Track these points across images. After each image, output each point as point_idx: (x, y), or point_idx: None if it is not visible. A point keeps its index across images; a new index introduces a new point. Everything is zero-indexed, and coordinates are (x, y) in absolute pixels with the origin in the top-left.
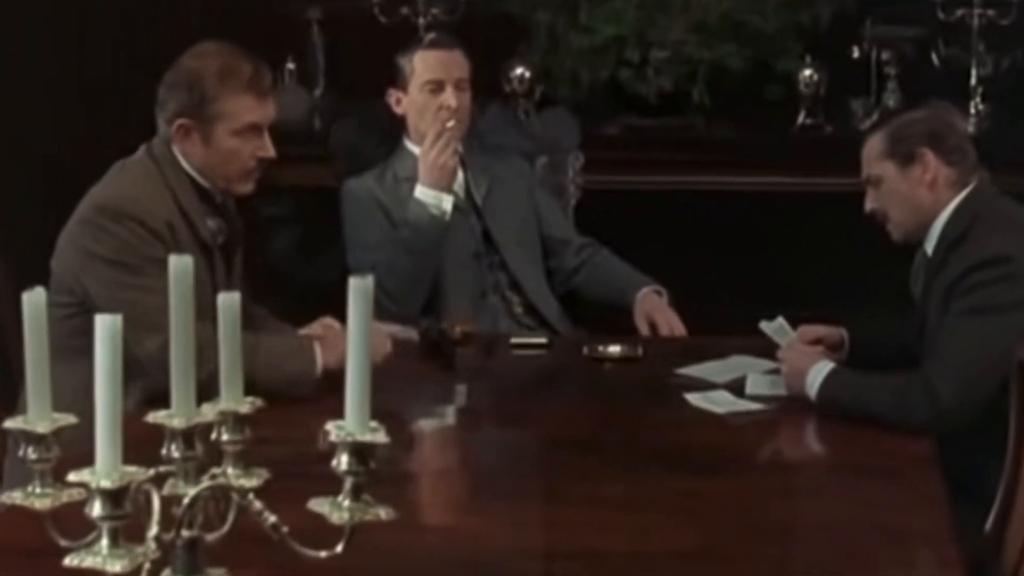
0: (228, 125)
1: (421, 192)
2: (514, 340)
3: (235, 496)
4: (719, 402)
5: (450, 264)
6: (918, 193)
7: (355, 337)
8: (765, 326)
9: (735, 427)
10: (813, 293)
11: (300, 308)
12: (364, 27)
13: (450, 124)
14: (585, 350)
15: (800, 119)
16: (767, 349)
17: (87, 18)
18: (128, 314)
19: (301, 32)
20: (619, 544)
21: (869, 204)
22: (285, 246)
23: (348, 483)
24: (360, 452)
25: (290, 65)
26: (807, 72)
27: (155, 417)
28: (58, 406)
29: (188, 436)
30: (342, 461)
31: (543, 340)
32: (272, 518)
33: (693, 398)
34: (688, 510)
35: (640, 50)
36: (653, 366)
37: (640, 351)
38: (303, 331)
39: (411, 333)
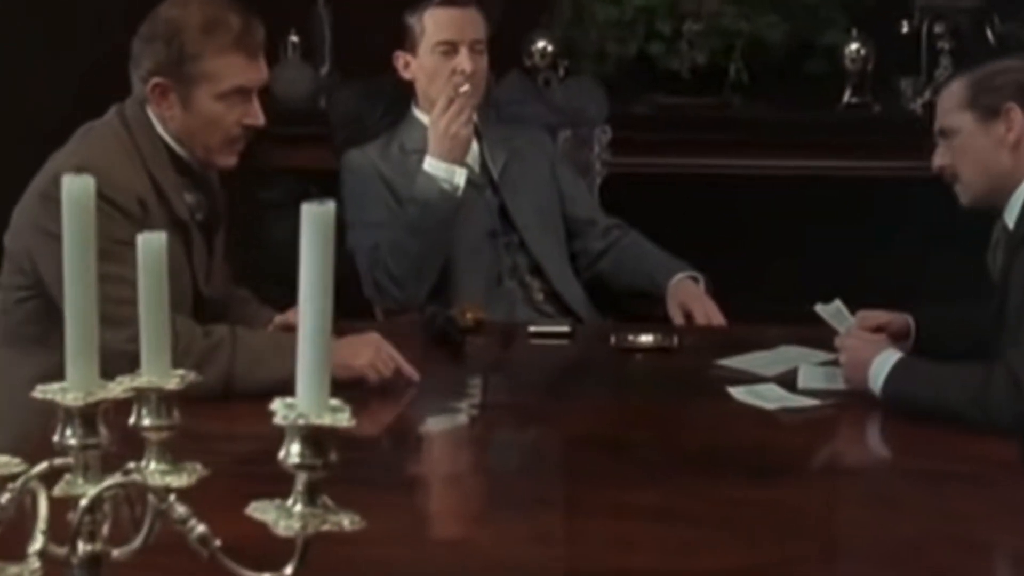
0: (211, 87)
1: (430, 164)
2: (532, 328)
3: (152, 498)
4: (768, 397)
5: (462, 245)
6: (997, 154)
7: (309, 279)
8: (821, 309)
9: (786, 425)
10: (863, 282)
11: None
12: (373, 1)
13: (463, 89)
14: (613, 340)
15: (845, 97)
16: (820, 339)
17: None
18: None
19: (306, 4)
20: (651, 561)
21: (938, 160)
22: (285, 233)
23: (300, 481)
24: (316, 440)
25: (293, 38)
26: (853, 46)
27: (45, 391)
28: (12, 399)
29: (88, 418)
30: (292, 452)
31: (565, 328)
32: (199, 528)
33: (737, 392)
34: (731, 521)
35: (672, 22)
36: (690, 357)
37: (675, 341)
38: (279, 317)
39: (413, 373)
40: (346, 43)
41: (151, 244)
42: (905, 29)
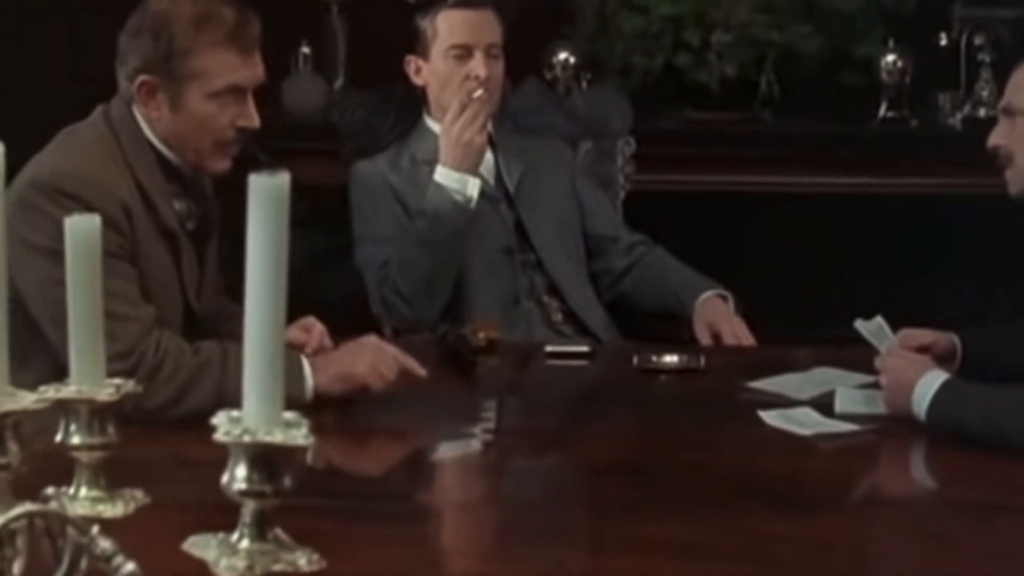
0: (202, 86)
1: (442, 174)
2: (550, 348)
3: (71, 531)
4: (802, 422)
5: (477, 262)
6: None
7: (258, 265)
8: (861, 326)
9: (822, 453)
10: (898, 303)
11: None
12: (390, 12)
13: (477, 94)
14: (635, 360)
15: (881, 112)
16: (858, 360)
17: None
18: (61, 315)
19: (319, 16)
20: None
21: (995, 138)
22: (296, 252)
23: (247, 511)
24: (267, 461)
25: (304, 49)
26: (890, 58)
27: None
28: None
29: None
30: (236, 476)
31: (584, 348)
32: (127, 566)
33: (770, 417)
34: (764, 558)
35: (700, 32)
36: (718, 379)
37: (702, 362)
38: None
39: (419, 369)
40: (361, 55)
41: (80, 227)
42: (944, 41)
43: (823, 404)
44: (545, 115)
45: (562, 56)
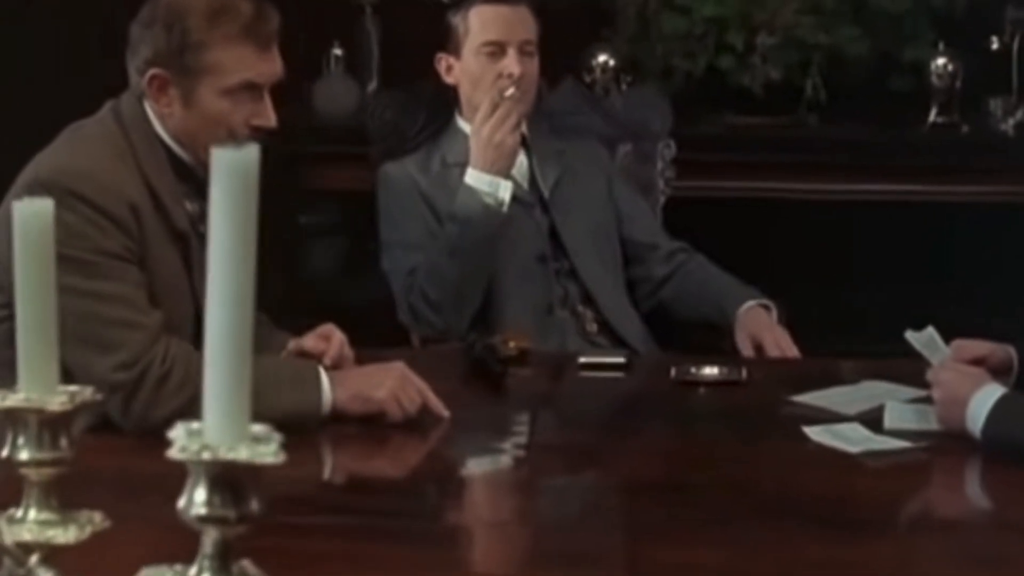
0: (216, 81)
1: (472, 177)
2: (583, 359)
3: (7, 561)
4: (850, 438)
5: (509, 269)
6: None
7: (222, 249)
8: (912, 337)
9: (872, 471)
10: (951, 314)
11: (344, 332)
12: (425, 13)
13: (509, 93)
14: (673, 372)
15: (931, 117)
16: (908, 373)
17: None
18: (71, 327)
19: (352, 16)
20: None
21: None
22: (326, 259)
23: (208, 540)
24: (230, 482)
25: (336, 51)
26: (940, 62)
27: None
28: None
29: None
30: (195, 499)
31: (620, 359)
32: None
33: (815, 432)
34: None
35: (744, 34)
36: (760, 392)
37: (744, 374)
38: (293, 342)
39: (442, 409)
40: (395, 57)
41: (30, 213)
42: (996, 44)
43: (871, 420)
44: (582, 116)
45: (602, 58)
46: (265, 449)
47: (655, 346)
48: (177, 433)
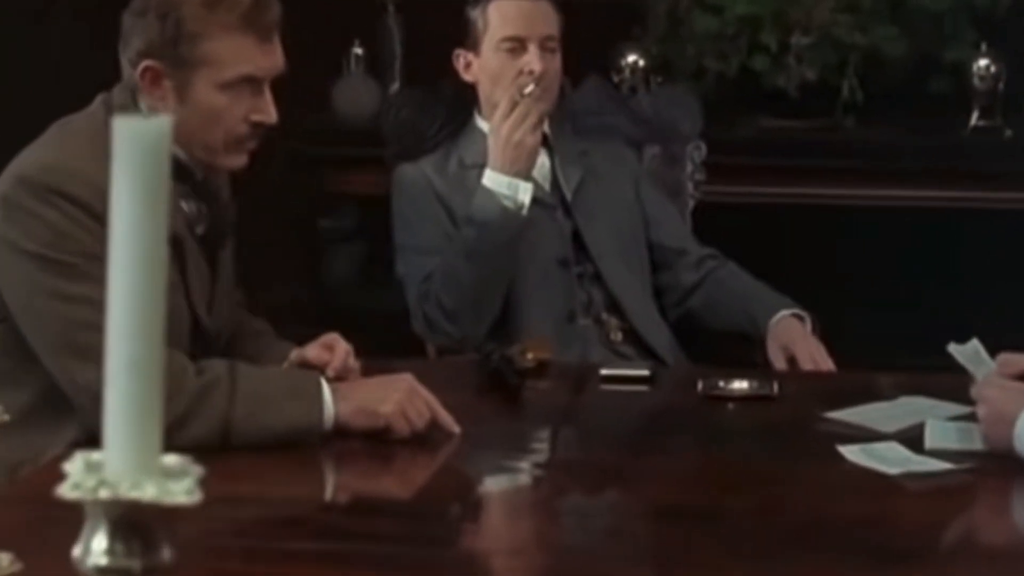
0: (213, 74)
1: (491, 178)
2: (605, 372)
3: None
4: (888, 458)
5: (529, 275)
6: None
7: (126, 232)
8: (955, 350)
9: (912, 494)
10: (996, 325)
11: (361, 342)
12: (450, 13)
13: (529, 90)
14: (700, 386)
15: (973, 120)
16: (950, 388)
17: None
18: (53, 332)
19: (373, 15)
20: None
21: None
22: (345, 266)
23: None
24: (135, 525)
25: (357, 50)
26: (982, 63)
27: None
28: None
29: None
30: (92, 547)
31: (644, 372)
32: None
33: (850, 452)
34: None
35: (778, 34)
36: (793, 408)
37: (775, 388)
38: (295, 352)
39: (452, 425)
40: (418, 58)
41: None
42: None
43: (911, 438)
44: (607, 116)
45: (631, 58)
46: (177, 486)
47: (683, 357)
48: (74, 465)
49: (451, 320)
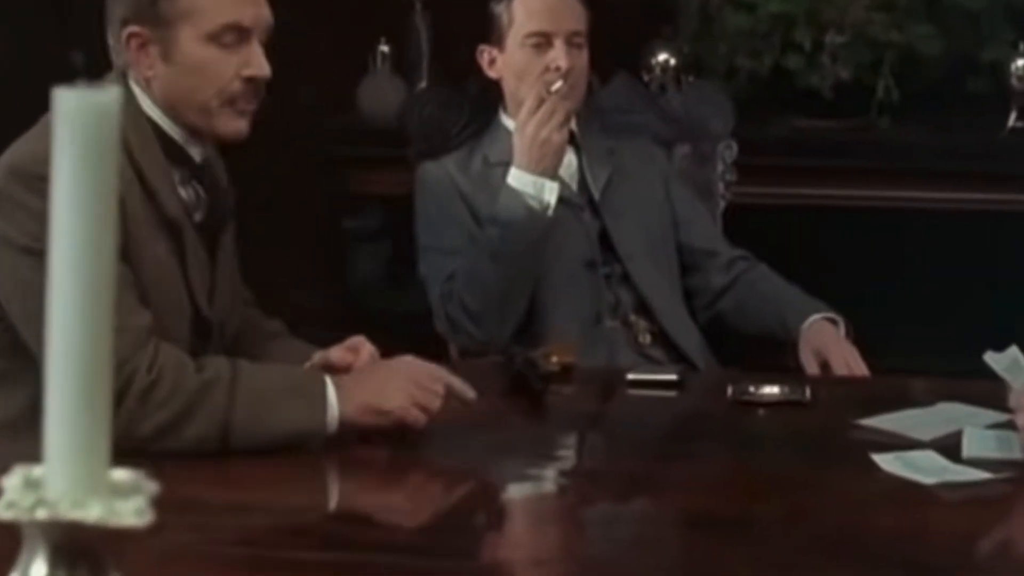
0: (195, 26)
1: (515, 177)
2: (632, 376)
3: None
4: (924, 467)
5: (554, 276)
6: None
7: (65, 210)
8: (992, 358)
9: (948, 504)
10: None
11: (386, 343)
12: (478, 10)
13: (556, 86)
14: (730, 391)
15: (1011, 121)
16: (988, 396)
17: None
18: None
19: (400, 10)
20: None
21: None
22: (370, 267)
23: None
24: (81, 551)
25: (383, 47)
26: (1020, 63)
27: None
28: None
29: None
30: (29, 575)
31: (672, 376)
32: None
33: (885, 461)
34: None
35: (812, 32)
36: (826, 415)
37: (807, 394)
38: (319, 354)
39: (467, 391)
40: (446, 56)
41: None
42: None
43: (948, 446)
44: (636, 114)
45: (662, 57)
46: (126, 506)
47: (714, 360)
48: (11, 481)
49: (474, 322)
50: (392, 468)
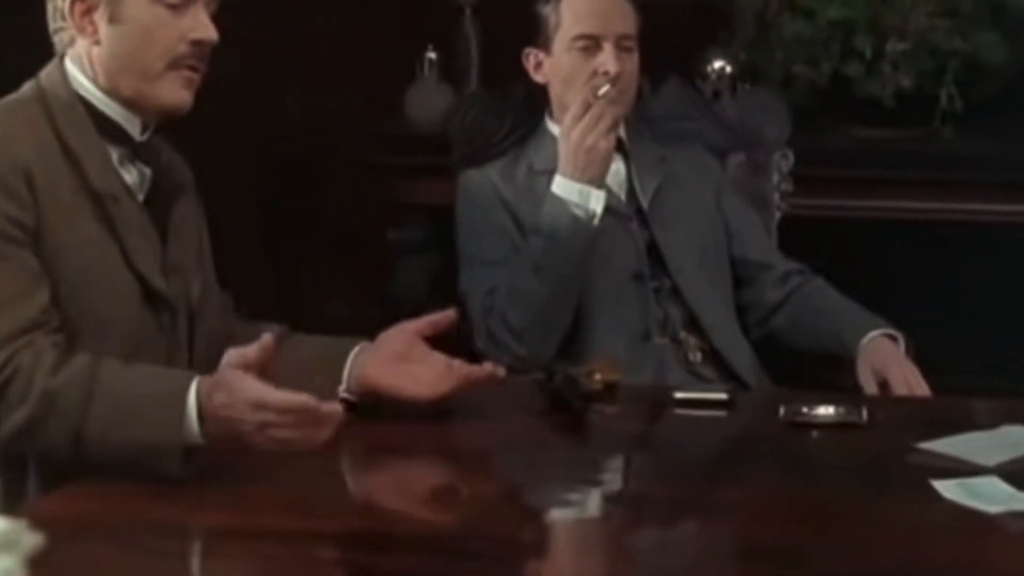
0: None
1: (560, 185)
2: (680, 395)
3: None
4: (988, 495)
5: (600, 290)
6: None
7: None
8: None
9: (1014, 535)
10: None
11: None
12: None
13: (603, 91)
14: (782, 411)
15: None
16: None
17: None
18: None
19: (448, 18)
20: None
21: None
22: (412, 278)
23: None
24: None
25: (431, 54)
26: None
27: None
28: None
29: None
30: None
31: (722, 396)
32: None
33: (946, 488)
34: None
35: (873, 39)
36: (883, 437)
37: (864, 415)
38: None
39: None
40: (497, 63)
41: None
42: None
43: (1013, 472)
44: (689, 121)
45: (717, 65)
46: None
47: (766, 378)
48: None
49: (517, 338)
50: (420, 491)
